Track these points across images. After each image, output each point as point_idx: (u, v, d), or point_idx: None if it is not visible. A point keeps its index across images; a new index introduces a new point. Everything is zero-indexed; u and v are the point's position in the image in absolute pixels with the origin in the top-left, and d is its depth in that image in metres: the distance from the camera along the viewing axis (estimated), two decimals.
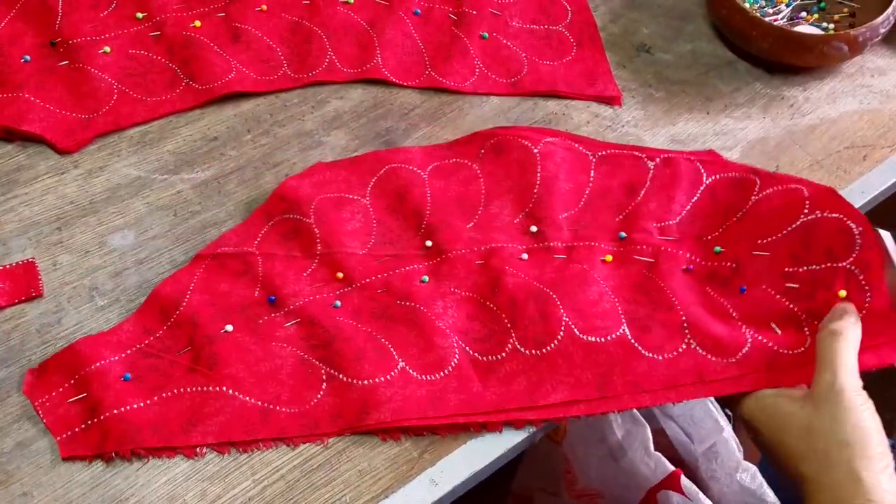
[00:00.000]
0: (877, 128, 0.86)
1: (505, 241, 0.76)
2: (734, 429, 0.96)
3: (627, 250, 0.75)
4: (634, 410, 0.94)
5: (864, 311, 0.68)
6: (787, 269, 0.71)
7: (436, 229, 0.76)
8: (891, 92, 0.89)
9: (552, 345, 0.69)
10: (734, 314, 0.71)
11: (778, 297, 0.71)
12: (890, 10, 0.85)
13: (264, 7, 0.90)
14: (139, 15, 0.88)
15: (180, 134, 0.83)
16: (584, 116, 0.87)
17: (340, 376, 0.68)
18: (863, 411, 0.58)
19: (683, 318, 0.70)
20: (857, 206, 0.73)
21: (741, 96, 0.89)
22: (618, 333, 0.69)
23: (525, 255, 0.75)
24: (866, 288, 0.68)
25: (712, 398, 0.96)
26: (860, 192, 0.81)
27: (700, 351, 0.69)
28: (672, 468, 0.89)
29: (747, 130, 0.86)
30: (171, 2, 0.89)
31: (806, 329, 0.69)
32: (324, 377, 0.68)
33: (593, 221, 0.78)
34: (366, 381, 0.67)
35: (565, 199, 0.79)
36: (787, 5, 0.93)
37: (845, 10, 0.93)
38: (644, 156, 0.81)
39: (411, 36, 0.90)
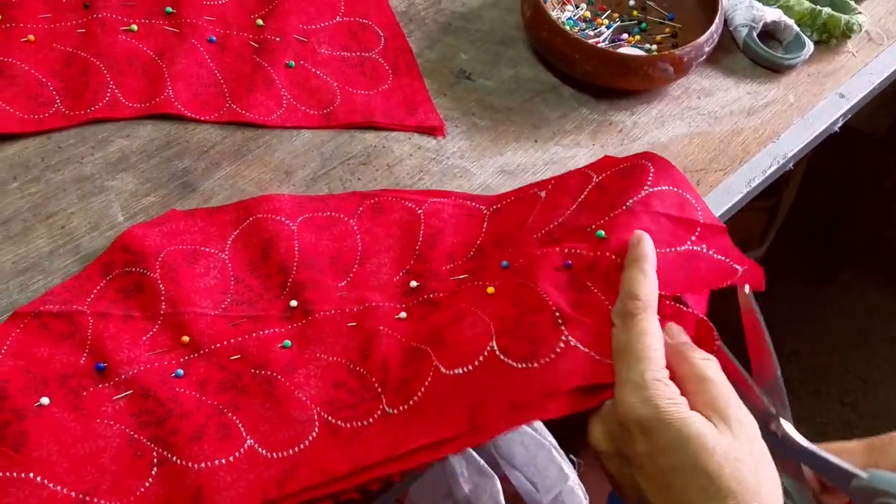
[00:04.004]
0: (707, 151, 0.83)
1: (381, 301, 0.67)
2: (580, 476, 0.91)
3: (508, 275, 0.66)
4: (481, 461, 0.88)
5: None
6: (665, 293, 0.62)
7: (303, 287, 0.67)
8: (718, 113, 0.86)
9: (419, 394, 0.59)
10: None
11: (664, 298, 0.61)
12: (713, 27, 0.82)
13: (31, 38, 0.78)
14: None
15: None
16: (405, 149, 0.79)
17: (174, 459, 0.57)
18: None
19: (557, 313, 0.60)
20: None
21: (568, 123, 0.84)
22: (484, 354, 0.59)
23: (403, 314, 0.66)
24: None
25: (555, 445, 0.91)
26: None
27: (581, 348, 0.58)
28: None
29: (578, 158, 0.80)
30: None
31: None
32: (155, 461, 0.57)
33: (481, 266, 0.69)
34: (203, 465, 0.57)
35: (451, 251, 0.71)
36: (608, 27, 0.90)
37: (667, 30, 0.90)
38: (535, 189, 0.74)
39: (207, 65, 0.80)
